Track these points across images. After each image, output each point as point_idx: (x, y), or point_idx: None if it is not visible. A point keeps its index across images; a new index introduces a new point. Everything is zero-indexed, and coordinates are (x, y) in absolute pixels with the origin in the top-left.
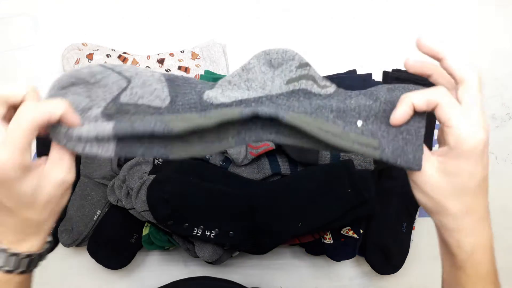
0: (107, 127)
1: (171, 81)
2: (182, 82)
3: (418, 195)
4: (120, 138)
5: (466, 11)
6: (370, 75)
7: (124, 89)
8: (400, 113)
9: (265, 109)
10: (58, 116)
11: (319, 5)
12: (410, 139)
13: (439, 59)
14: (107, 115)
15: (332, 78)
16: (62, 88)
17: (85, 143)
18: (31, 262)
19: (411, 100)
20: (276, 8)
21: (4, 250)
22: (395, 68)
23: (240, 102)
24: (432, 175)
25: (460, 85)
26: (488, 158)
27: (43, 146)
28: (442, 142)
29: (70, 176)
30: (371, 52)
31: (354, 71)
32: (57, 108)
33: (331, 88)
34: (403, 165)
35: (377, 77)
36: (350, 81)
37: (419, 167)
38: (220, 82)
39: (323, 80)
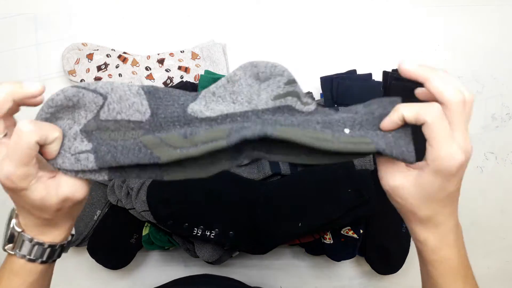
0: (89, 165)
1: (151, 94)
2: (163, 94)
3: (392, 201)
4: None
5: (466, 11)
6: (370, 75)
7: (102, 106)
8: (389, 122)
9: (252, 130)
10: (53, 140)
11: (319, 4)
12: (400, 136)
13: (423, 82)
14: (86, 132)
15: (332, 78)
16: (46, 119)
17: (76, 172)
18: (53, 252)
19: (402, 112)
20: (276, 8)
21: (30, 239)
22: (395, 68)
23: (225, 117)
24: (405, 187)
25: (445, 108)
26: (463, 174)
27: None
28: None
29: (78, 194)
30: (371, 52)
31: (354, 71)
32: (53, 133)
33: (313, 105)
34: (398, 157)
35: (377, 77)
36: (350, 81)
37: (413, 159)
38: (203, 92)
39: (305, 97)
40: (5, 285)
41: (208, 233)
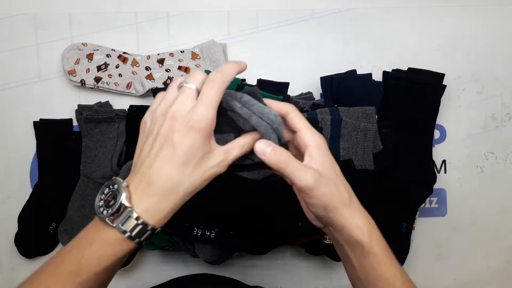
0: None
1: None
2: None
3: (313, 209)
4: None
5: (466, 11)
6: (370, 75)
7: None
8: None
9: None
10: (236, 73)
11: (319, 4)
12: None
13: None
14: None
15: (332, 78)
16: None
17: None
18: (150, 236)
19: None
20: (276, 8)
21: (137, 218)
22: (395, 68)
23: None
24: (315, 181)
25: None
26: (332, 158)
27: (44, 147)
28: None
29: (218, 168)
30: (371, 52)
31: (354, 71)
32: (234, 70)
33: None
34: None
35: (377, 77)
36: (350, 81)
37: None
38: None
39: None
40: (95, 250)
41: (208, 233)
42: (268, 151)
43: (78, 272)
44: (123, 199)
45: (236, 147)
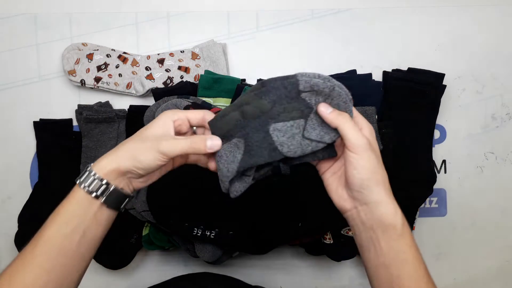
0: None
1: None
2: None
3: (354, 180)
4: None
5: (466, 11)
6: (370, 75)
7: None
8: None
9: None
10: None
11: (319, 4)
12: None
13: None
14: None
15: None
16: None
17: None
18: (111, 195)
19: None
20: (276, 8)
21: (93, 174)
22: (395, 68)
23: None
24: (364, 145)
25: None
26: (377, 147)
27: (44, 147)
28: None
29: (158, 162)
30: (371, 52)
31: (354, 71)
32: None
33: None
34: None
35: (377, 77)
36: (350, 81)
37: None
38: None
39: None
40: (66, 209)
41: (208, 233)
42: (330, 110)
43: (43, 228)
44: (89, 165)
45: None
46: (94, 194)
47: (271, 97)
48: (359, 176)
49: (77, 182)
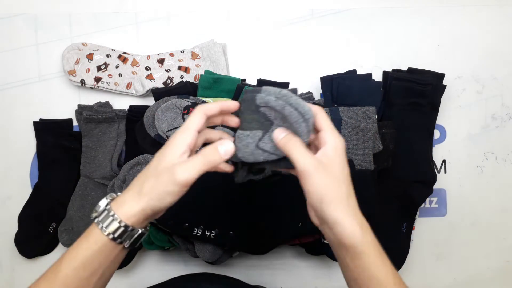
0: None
1: None
2: None
3: (309, 199)
4: None
5: (466, 11)
6: (370, 75)
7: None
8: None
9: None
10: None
11: (319, 4)
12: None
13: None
14: None
15: (332, 78)
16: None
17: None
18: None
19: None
20: (276, 7)
21: (113, 214)
22: (395, 68)
23: None
24: (318, 174)
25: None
26: (345, 162)
27: (44, 147)
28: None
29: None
30: (371, 52)
31: (354, 71)
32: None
33: None
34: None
35: (377, 77)
36: (350, 81)
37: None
38: None
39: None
40: (77, 244)
41: (208, 233)
42: (282, 135)
43: (58, 267)
44: (103, 200)
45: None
46: (119, 240)
47: (242, 107)
48: (311, 197)
49: (98, 225)
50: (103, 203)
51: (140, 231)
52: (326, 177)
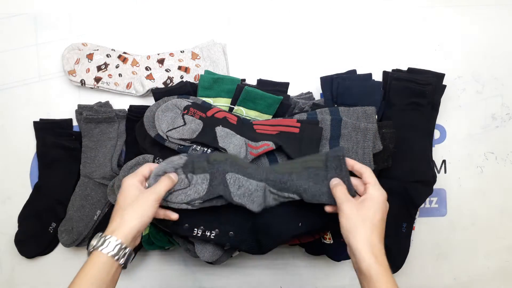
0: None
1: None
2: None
3: (341, 229)
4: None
5: (466, 11)
6: (370, 75)
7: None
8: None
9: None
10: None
11: (319, 4)
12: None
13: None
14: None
15: (332, 78)
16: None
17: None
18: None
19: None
20: (276, 8)
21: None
22: (395, 68)
23: None
24: (350, 211)
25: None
26: (380, 209)
27: (44, 147)
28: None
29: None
30: (371, 52)
31: (354, 71)
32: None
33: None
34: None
35: (377, 77)
36: (350, 81)
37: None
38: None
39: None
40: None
41: (208, 234)
42: (335, 182)
43: None
44: (92, 240)
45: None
46: (116, 257)
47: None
48: (342, 228)
49: (99, 248)
50: (94, 239)
51: (130, 249)
52: (356, 215)
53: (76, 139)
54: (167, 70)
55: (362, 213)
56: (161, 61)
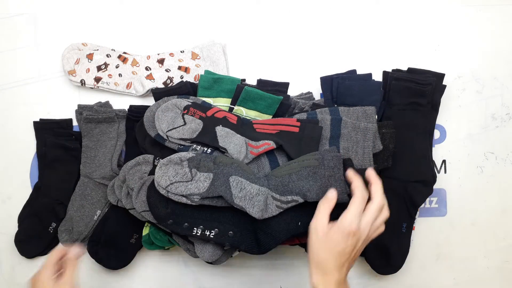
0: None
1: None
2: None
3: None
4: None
5: (466, 11)
6: (370, 75)
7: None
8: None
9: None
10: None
11: (319, 5)
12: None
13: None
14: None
15: (332, 78)
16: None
17: None
18: None
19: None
20: (276, 8)
21: None
22: (395, 68)
23: None
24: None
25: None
26: (358, 243)
27: (44, 147)
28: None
29: None
30: (371, 52)
31: (354, 71)
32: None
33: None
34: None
35: (377, 77)
36: (350, 81)
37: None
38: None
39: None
40: None
41: (207, 233)
42: (334, 195)
43: None
44: None
45: None
46: None
47: None
48: (308, 252)
49: None
50: None
51: None
52: (318, 243)
53: (76, 139)
54: (167, 70)
55: (325, 241)
56: (161, 61)
